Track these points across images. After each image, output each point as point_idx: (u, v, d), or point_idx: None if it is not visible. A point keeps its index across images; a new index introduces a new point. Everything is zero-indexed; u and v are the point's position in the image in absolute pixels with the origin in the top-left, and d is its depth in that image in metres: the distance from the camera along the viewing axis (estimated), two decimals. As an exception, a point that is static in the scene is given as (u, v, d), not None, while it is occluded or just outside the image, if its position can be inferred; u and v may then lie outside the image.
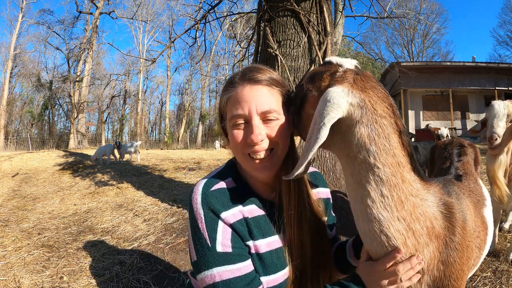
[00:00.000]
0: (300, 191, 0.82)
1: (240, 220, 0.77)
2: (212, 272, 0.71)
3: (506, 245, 2.12)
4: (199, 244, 0.73)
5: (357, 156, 0.66)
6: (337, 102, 0.63)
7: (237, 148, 0.78)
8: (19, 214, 3.62)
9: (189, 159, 7.99)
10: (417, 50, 28.94)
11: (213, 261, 0.71)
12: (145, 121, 30.52)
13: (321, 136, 0.62)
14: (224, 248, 0.73)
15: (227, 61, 27.73)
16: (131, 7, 24.38)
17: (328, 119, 0.62)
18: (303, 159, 0.65)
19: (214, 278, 0.71)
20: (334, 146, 0.72)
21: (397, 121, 0.66)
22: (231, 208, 0.77)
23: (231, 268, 0.71)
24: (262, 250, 0.78)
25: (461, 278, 0.71)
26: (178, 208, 3.31)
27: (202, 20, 3.63)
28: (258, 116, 0.76)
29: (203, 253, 0.73)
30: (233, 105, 0.77)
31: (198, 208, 0.75)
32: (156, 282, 1.92)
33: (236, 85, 0.78)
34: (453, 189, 0.87)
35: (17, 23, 21.76)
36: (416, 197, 0.68)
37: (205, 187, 0.78)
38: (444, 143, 1.56)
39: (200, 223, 0.74)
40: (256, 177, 0.81)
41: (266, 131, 0.76)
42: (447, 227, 0.71)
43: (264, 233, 0.80)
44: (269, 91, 0.78)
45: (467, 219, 0.78)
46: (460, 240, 0.71)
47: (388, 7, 6.90)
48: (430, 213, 0.69)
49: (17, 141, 20.29)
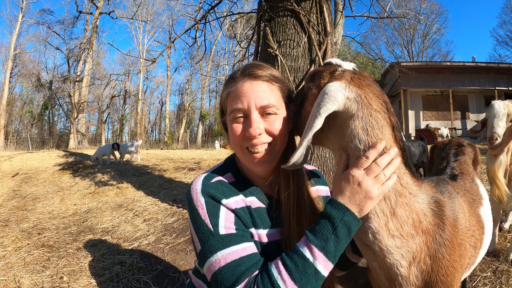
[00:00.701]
0: (299, 186, 0.83)
1: (243, 208, 0.77)
2: (217, 256, 0.68)
3: (506, 245, 2.12)
4: (201, 232, 0.72)
5: (349, 145, 0.69)
6: (334, 95, 0.67)
7: (236, 141, 0.79)
8: (19, 214, 3.62)
9: (189, 159, 7.99)
10: (417, 50, 28.98)
11: (216, 245, 0.69)
12: (145, 121, 30.54)
13: (316, 124, 0.66)
14: (227, 230, 0.71)
15: (227, 61, 27.76)
16: (131, 7, 24.42)
17: (324, 110, 0.66)
18: (299, 147, 0.68)
19: (219, 262, 0.68)
20: (329, 141, 0.75)
21: (390, 117, 0.70)
22: (233, 197, 0.77)
23: (236, 249, 0.69)
24: (264, 240, 0.79)
25: (451, 275, 0.73)
26: (178, 208, 3.31)
27: (202, 20, 3.63)
28: (257, 110, 0.77)
29: (206, 239, 0.71)
30: (233, 99, 0.79)
31: (198, 196, 0.74)
32: (156, 282, 1.92)
33: (237, 80, 0.80)
34: (446, 188, 0.91)
35: (17, 23, 21.77)
36: (404, 188, 0.71)
37: (205, 179, 0.79)
38: (443, 143, 1.57)
39: (201, 209, 0.73)
40: (254, 171, 0.82)
41: (264, 125, 0.78)
42: (437, 223, 0.73)
43: (265, 224, 0.81)
44: (269, 87, 0.80)
45: (459, 217, 0.81)
46: (449, 237, 0.73)
47: (388, 7, 6.90)
48: (418, 208, 0.72)
49: (17, 141, 20.29)
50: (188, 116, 28.79)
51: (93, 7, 20.26)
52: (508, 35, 25.33)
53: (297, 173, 0.83)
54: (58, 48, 23.59)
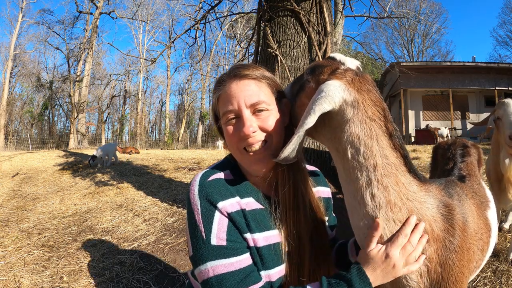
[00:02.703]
0: (296, 184, 0.82)
1: (238, 211, 0.77)
2: (206, 266, 0.70)
3: (506, 245, 2.12)
4: (195, 238, 0.73)
5: (345, 153, 0.68)
6: (332, 95, 0.65)
7: (233, 144, 0.79)
8: (19, 214, 3.62)
9: (189, 159, 7.98)
10: (417, 50, 28.98)
11: (207, 255, 0.71)
12: (145, 121, 30.55)
13: (308, 122, 0.65)
14: (218, 241, 0.72)
15: (227, 61, 27.77)
16: (131, 7, 24.42)
17: (319, 108, 0.65)
18: (290, 141, 0.67)
19: (208, 273, 0.70)
20: (324, 139, 0.74)
21: (387, 125, 0.68)
22: (229, 198, 0.77)
23: (225, 263, 0.71)
24: (260, 244, 0.78)
25: (461, 281, 0.70)
26: (178, 208, 3.31)
27: (202, 20, 3.63)
28: (248, 109, 0.77)
29: (198, 247, 0.73)
30: (223, 102, 0.79)
31: (195, 200, 0.75)
32: (156, 282, 1.92)
33: (224, 83, 0.80)
34: (455, 190, 0.87)
35: (17, 23, 21.78)
36: (413, 201, 0.68)
37: (203, 177, 0.79)
38: (447, 143, 1.54)
39: (196, 215, 0.74)
40: (252, 170, 0.81)
41: (257, 122, 0.77)
42: (447, 229, 0.71)
43: (261, 227, 0.79)
44: (256, 84, 0.79)
45: (468, 221, 0.78)
46: (459, 243, 0.71)
47: (388, 7, 6.90)
48: (429, 215, 0.69)
49: (17, 141, 20.30)
50: (188, 116, 28.80)
51: (93, 7, 20.26)
52: (508, 35, 25.35)
53: (294, 168, 0.82)
54: (58, 48, 23.61)
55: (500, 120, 1.81)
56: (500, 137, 1.86)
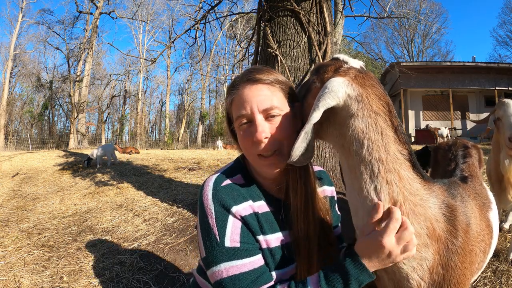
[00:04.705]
0: (307, 187, 0.83)
1: (251, 214, 0.79)
2: (220, 268, 0.72)
3: (506, 245, 2.12)
4: (208, 240, 0.74)
5: (350, 147, 0.68)
6: (335, 90, 0.66)
7: (247, 148, 0.80)
8: (19, 214, 3.62)
9: (189, 159, 7.98)
10: (417, 50, 28.98)
11: (221, 256, 0.72)
12: (145, 121, 30.54)
13: (313, 117, 0.66)
14: (232, 243, 0.74)
15: (227, 61, 27.77)
16: (131, 7, 24.42)
17: (323, 104, 0.66)
18: (298, 138, 0.68)
19: (222, 273, 0.71)
20: (330, 136, 0.75)
21: (392, 119, 0.68)
22: (242, 203, 0.78)
23: (238, 264, 0.72)
24: (272, 245, 0.80)
25: (463, 283, 0.70)
26: (178, 208, 3.31)
27: (202, 20, 3.63)
28: (260, 114, 0.77)
29: (212, 248, 0.74)
30: (236, 106, 0.80)
31: (209, 203, 0.76)
32: (156, 282, 1.92)
33: (237, 87, 0.81)
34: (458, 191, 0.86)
35: (17, 23, 21.76)
36: (415, 196, 0.68)
37: (216, 182, 0.80)
38: (448, 144, 1.53)
39: (210, 218, 0.75)
40: (265, 174, 0.82)
41: (270, 128, 0.78)
42: (449, 230, 0.70)
43: (273, 228, 0.82)
44: (269, 89, 0.80)
45: (471, 222, 0.78)
46: (462, 244, 0.70)
47: (388, 7, 6.90)
48: (431, 214, 0.69)
49: (17, 141, 20.29)
50: (188, 116, 28.79)
51: (93, 7, 20.26)
52: (508, 35, 25.35)
53: (305, 172, 0.83)
54: (58, 48, 23.61)
55: (500, 120, 1.81)
56: (500, 138, 1.85)
